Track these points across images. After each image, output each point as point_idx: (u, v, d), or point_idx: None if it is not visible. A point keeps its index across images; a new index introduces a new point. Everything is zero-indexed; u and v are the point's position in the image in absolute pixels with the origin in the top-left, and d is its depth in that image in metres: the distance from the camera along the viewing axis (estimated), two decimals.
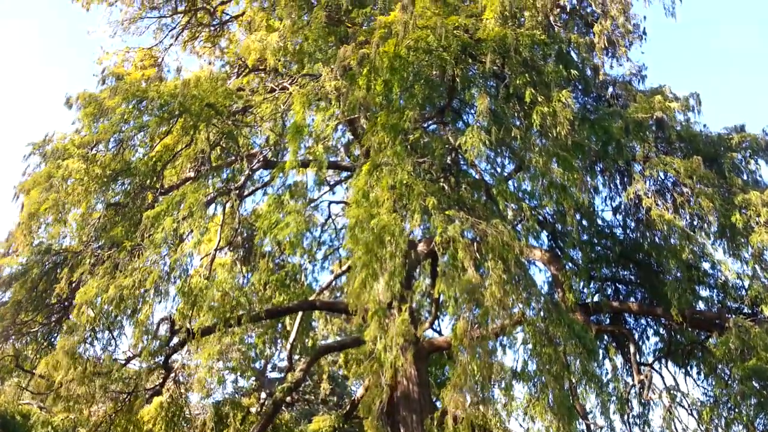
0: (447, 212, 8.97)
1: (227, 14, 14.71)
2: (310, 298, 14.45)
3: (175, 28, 14.43)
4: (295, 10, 10.51)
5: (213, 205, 12.77)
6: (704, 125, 11.95)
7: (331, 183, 16.23)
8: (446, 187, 10.14)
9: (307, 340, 16.51)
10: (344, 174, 15.84)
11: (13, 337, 11.42)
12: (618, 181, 12.21)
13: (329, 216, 15.74)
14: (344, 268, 14.67)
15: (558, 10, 11.47)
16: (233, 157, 13.09)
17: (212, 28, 14.95)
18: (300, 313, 14.69)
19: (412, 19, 8.50)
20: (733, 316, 10.23)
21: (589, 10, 13.06)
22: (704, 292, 11.67)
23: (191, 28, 14.68)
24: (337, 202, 15.99)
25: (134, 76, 11.29)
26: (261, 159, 13.24)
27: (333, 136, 14.21)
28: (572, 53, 11.91)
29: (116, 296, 9.84)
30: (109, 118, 10.99)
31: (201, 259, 13.06)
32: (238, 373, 20.49)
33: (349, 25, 10.72)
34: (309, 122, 11.14)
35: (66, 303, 11.39)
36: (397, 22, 8.57)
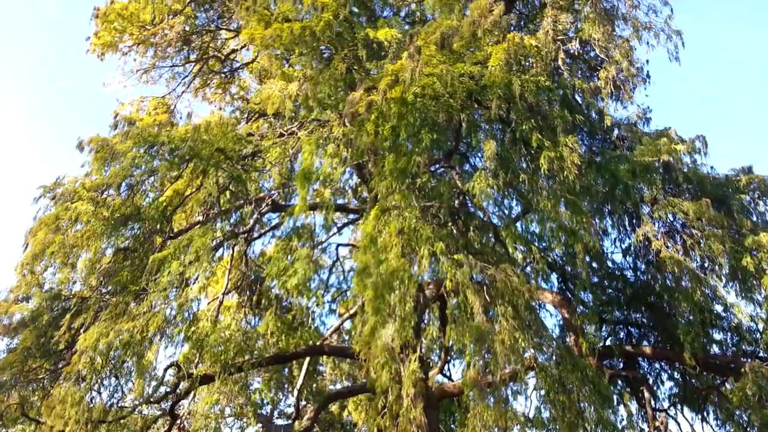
0: (455, 256, 8.95)
1: (237, 62, 15.09)
2: (318, 343, 14.28)
3: (187, 76, 14.80)
4: (315, 59, 10.76)
5: (221, 249, 12.82)
6: (711, 167, 11.94)
7: (339, 225, 16.25)
8: (454, 231, 10.14)
9: (314, 386, 16.25)
10: (352, 216, 15.90)
11: (19, 384, 11.32)
12: (627, 223, 12.15)
13: (337, 258, 15.70)
14: (352, 311, 14.56)
15: (563, 54, 11.65)
16: (242, 201, 13.20)
17: (223, 75, 15.32)
18: (307, 358, 14.51)
19: (418, 66, 8.66)
20: (749, 360, 10.03)
21: (592, 54, 13.27)
22: (718, 336, 11.46)
23: (203, 76, 15.04)
24: (345, 245, 15.98)
25: (146, 122, 11.51)
26: (269, 202, 13.34)
27: (341, 179, 14.36)
28: (577, 97, 12.07)
29: (118, 341, 9.79)
30: (120, 163, 11.14)
31: (208, 303, 13.02)
32: (244, 420, 20.12)
33: (360, 73, 10.93)
34: (317, 166, 11.26)
35: (73, 349, 11.33)
36: (404, 69, 8.74)
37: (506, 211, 12.34)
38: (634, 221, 11.94)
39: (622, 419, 11.95)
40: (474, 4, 10.82)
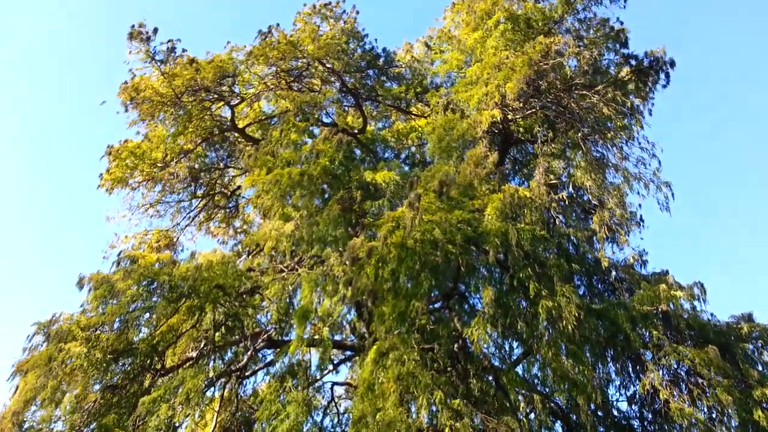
0: (454, 402, 8.66)
1: (243, 197, 15.56)
2: None
3: (192, 210, 15.19)
4: (312, 198, 11.14)
5: (212, 388, 12.37)
6: (711, 314, 11.90)
7: (335, 362, 15.80)
8: (454, 376, 9.88)
9: None
10: (348, 353, 15.51)
11: None
12: (630, 369, 11.84)
13: (332, 398, 15.07)
14: None
15: (556, 201, 12.05)
16: (237, 337, 12.96)
17: (228, 210, 15.72)
18: None
19: (418, 214, 8.93)
20: None
21: (585, 198, 13.74)
22: None
23: (208, 210, 15.43)
24: (341, 384, 15.43)
25: (149, 259, 11.62)
26: (265, 338, 13.10)
27: (339, 313, 14.20)
28: (574, 240, 12.30)
29: None
30: (119, 300, 11.07)
31: None
32: None
33: (359, 213, 11.26)
34: (316, 304, 11.21)
35: None
36: (404, 217, 9.01)
37: (506, 353, 12.11)
38: (638, 367, 11.66)
39: None
40: (470, 152, 11.41)
